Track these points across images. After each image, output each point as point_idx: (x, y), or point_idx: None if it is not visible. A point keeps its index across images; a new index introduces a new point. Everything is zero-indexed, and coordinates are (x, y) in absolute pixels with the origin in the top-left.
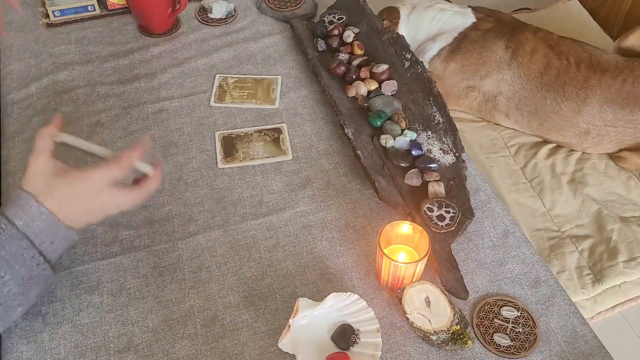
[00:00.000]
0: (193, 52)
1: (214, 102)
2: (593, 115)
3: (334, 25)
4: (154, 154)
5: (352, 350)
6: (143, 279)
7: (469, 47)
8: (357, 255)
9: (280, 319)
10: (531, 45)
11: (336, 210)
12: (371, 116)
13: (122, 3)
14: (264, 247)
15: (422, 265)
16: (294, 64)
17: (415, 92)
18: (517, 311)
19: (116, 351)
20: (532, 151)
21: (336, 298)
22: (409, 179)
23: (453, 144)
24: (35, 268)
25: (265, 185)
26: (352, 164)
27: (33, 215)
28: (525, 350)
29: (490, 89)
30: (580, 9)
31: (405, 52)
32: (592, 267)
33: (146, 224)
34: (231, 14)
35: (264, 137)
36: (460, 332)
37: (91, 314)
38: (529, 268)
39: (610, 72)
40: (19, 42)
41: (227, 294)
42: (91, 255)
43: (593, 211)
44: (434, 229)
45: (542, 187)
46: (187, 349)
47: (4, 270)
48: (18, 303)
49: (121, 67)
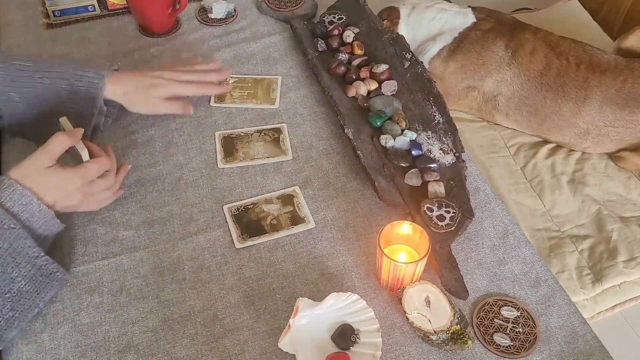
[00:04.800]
0: (193, 52)
1: (214, 103)
2: (593, 115)
3: (334, 25)
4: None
5: (352, 350)
6: (143, 279)
7: (469, 47)
8: (357, 255)
9: (280, 319)
10: (531, 45)
11: (336, 210)
12: (371, 116)
13: (122, 3)
14: (264, 247)
15: (422, 265)
16: (294, 64)
17: (415, 92)
18: (517, 311)
19: (116, 351)
20: (532, 151)
21: (336, 298)
22: (409, 179)
23: (453, 144)
24: (46, 266)
25: (265, 185)
26: (352, 164)
27: (33, 211)
28: (525, 350)
29: (490, 89)
30: (580, 9)
31: (405, 52)
32: (592, 267)
33: (146, 224)
34: (231, 14)
35: (264, 137)
36: (460, 332)
37: (91, 314)
38: (529, 268)
39: (610, 72)
40: (19, 42)
41: (227, 293)
42: (91, 255)
43: (593, 211)
44: (434, 229)
45: (542, 187)
46: (187, 348)
47: (11, 267)
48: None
49: (121, 67)
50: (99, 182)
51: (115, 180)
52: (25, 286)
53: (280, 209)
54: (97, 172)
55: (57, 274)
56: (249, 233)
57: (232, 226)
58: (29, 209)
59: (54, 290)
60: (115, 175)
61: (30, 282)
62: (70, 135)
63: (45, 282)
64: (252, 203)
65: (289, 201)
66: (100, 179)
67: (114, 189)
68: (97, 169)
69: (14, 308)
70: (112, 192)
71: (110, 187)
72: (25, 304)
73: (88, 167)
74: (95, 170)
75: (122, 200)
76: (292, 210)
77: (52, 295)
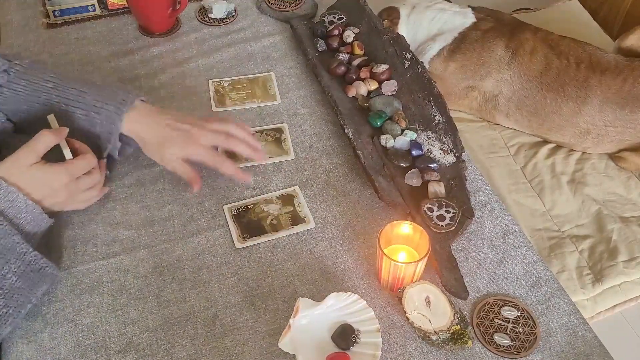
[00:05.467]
0: (193, 52)
1: (216, 108)
2: (593, 115)
3: (334, 25)
4: None
5: (352, 350)
6: (143, 278)
7: (469, 47)
8: (357, 255)
9: (280, 319)
10: (531, 45)
11: (336, 210)
12: (371, 116)
13: (122, 3)
14: (264, 247)
15: (422, 265)
16: (294, 64)
17: (415, 92)
18: (517, 311)
19: (116, 351)
20: (532, 151)
21: (336, 298)
22: (409, 179)
23: (453, 144)
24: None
25: (266, 185)
26: (352, 164)
27: (20, 207)
28: (525, 350)
29: (490, 89)
30: (580, 9)
31: (405, 52)
32: (592, 267)
33: (146, 224)
34: (231, 14)
35: (265, 137)
36: (460, 332)
37: (91, 314)
38: (529, 268)
39: (610, 72)
40: (19, 42)
41: (227, 293)
42: (91, 255)
43: (593, 211)
44: (434, 229)
45: (542, 187)
46: (188, 348)
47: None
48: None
49: (121, 67)
50: (85, 179)
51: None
52: (17, 282)
53: (280, 209)
54: (83, 169)
55: (46, 268)
56: (249, 233)
57: (232, 226)
58: (15, 205)
59: (46, 285)
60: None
61: (21, 278)
62: (55, 134)
63: (36, 278)
64: (253, 203)
65: (289, 201)
66: (86, 176)
67: (99, 187)
68: (83, 165)
69: (7, 304)
70: (97, 190)
71: (96, 185)
72: (17, 299)
73: (74, 164)
74: (81, 167)
75: (122, 200)
76: (292, 210)
77: (44, 290)
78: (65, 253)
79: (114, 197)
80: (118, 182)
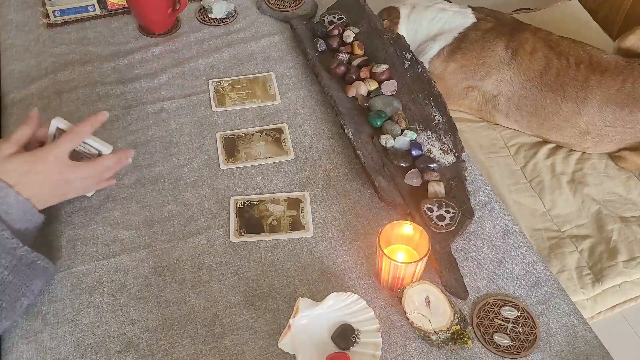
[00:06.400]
0: (193, 52)
1: (216, 108)
2: (593, 115)
3: (334, 25)
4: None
5: (352, 350)
6: (143, 279)
7: (469, 47)
8: (357, 255)
9: (280, 319)
10: (531, 45)
11: (336, 210)
12: (371, 116)
13: (122, 3)
14: (264, 247)
15: (422, 265)
16: (294, 64)
17: (415, 92)
18: (517, 311)
19: (116, 351)
20: (532, 151)
21: (336, 298)
22: (409, 179)
23: (453, 144)
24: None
25: (266, 185)
26: (352, 164)
27: (10, 203)
28: (525, 350)
29: (490, 89)
30: (580, 9)
31: (405, 52)
32: (592, 267)
33: (146, 224)
34: (231, 14)
35: (265, 137)
36: (460, 332)
37: (91, 314)
38: (529, 268)
39: (610, 72)
40: (19, 42)
41: (227, 294)
42: (91, 255)
43: (593, 211)
44: (434, 229)
45: (542, 187)
46: (188, 348)
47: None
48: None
49: (121, 67)
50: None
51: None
52: (9, 277)
53: (284, 212)
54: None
55: (38, 262)
56: (247, 229)
57: (232, 218)
58: (6, 202)
59: (40, 280)
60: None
61: (12, 273)
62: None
63: (28, 272)
64: (259, 200)
65: (295, 205)
66: (84, 164)
67: (101, 178)
68: (68, 145)
69: (1, 299)
70: (97, 180)
71: (94, 176)
72: (11, 294)
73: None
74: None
75: (122, 200)
76: (295, 215)
77: (40, 286)
78: (65, 253)
79: (114, 197)
80: (118, 182)
